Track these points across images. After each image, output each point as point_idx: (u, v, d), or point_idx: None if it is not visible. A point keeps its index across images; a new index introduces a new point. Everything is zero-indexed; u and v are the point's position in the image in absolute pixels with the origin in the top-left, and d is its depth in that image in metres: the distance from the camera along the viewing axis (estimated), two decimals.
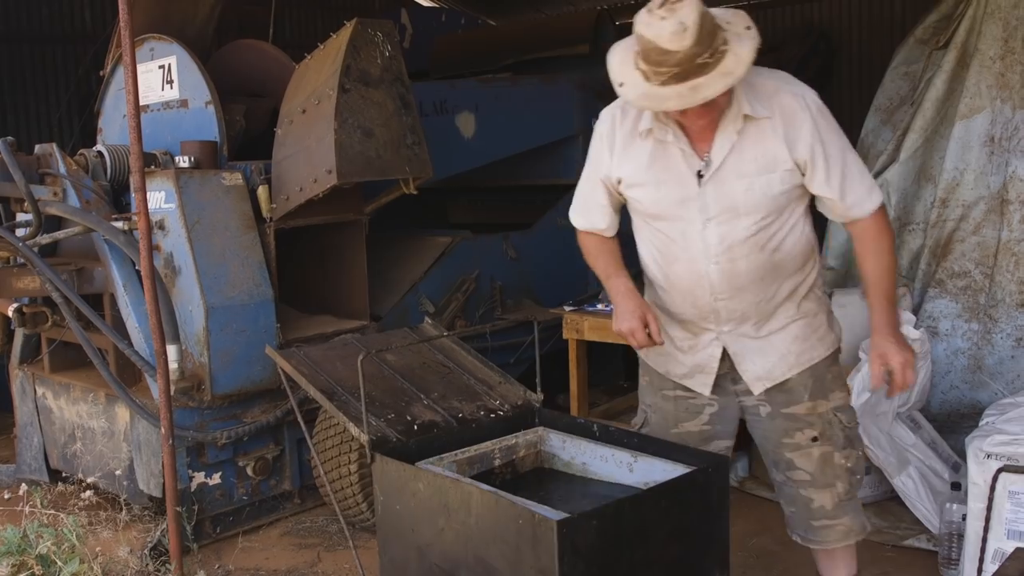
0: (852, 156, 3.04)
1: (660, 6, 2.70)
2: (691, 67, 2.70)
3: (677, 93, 2.75)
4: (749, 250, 3.07)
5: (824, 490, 3.31)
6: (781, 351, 3.22)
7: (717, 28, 2.74)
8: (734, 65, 2.74)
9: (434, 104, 6.46)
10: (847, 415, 3.30)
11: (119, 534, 5.00)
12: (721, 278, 3.11)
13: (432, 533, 3.08)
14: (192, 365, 4.93)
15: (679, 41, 2.66)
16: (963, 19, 5.42)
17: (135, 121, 3.96)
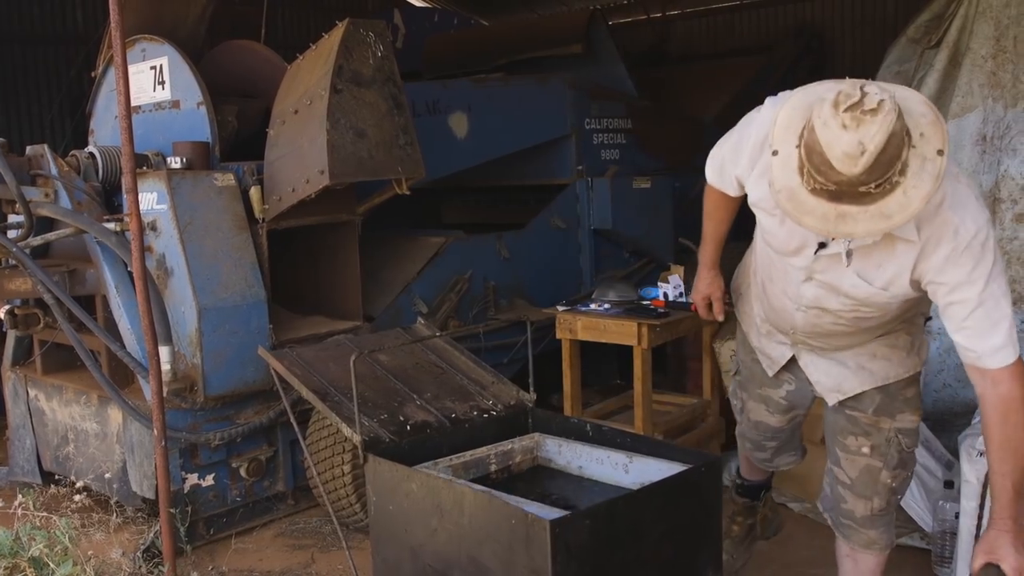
0: (991, 301, 2.66)
1: (850, 107, 2.29)
2: (850, 192, 2.35)
3: (821, 213, 2.40)
4: (838, 319, 2.98)
5: (860, 499, 3.25)
6: (853, 367, 3.15)
7: (900, 150, 2.32)
8: (897, 209, 2.35)
9: (427, 104, 6.45)
10: (910, 438, 3.20)
11: (112, 536, 4.99)
12: (804, 324, 3.08)
13: (425, 533, 3.08)
14: (185, 366, 4.92)
15: (849, 165, 2.29)
16: (955, 18, 5.43)
17: (126, 122, 3.94)
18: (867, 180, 2.30)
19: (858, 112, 2.26)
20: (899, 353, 3.14)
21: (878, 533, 3.29)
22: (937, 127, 2.39)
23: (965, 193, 2.62)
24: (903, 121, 2.32)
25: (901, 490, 3.30)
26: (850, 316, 2.93)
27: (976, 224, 2.58)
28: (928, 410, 5.22)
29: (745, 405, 3.60)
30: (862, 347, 3.12)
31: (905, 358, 3.15)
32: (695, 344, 6.07)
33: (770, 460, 3.69)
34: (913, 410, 3.20)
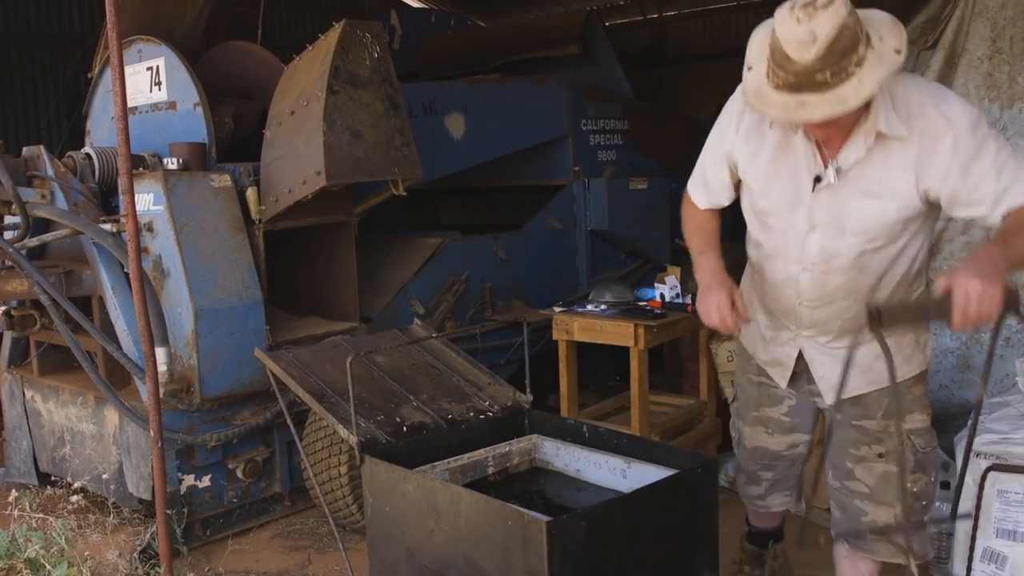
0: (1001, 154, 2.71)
1: (804, 6, 2.50)
2: (808, 81, 2.52)
3: (783, 103, 2.59)
4: (847, 268, 2.94)
5: (882, 506, 3.18)
6: (861, 366, 3.02)
7: (856, 45, 2.51)
8: (851, 93, 2.52)
9: (423, 105, 6.46)
10: (923, 439, 3.15)
11: (108, 537, 4.99)
12: (810, 286, 3.02)
13: (422, 535, 3.08)
14: (181, 367, 4.92)
15: (803, 52, 2.49)
16: (951, 20, 5.44)
17: (123, 123, 3.94)
18: (822, 67, 2.48)
19: (811, 8, 2.47)
20: (905, 352, 3.09)
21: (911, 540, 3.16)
22: (896, 30, 2.60)
23: (945, 91, 2.80)
24: (857, 19, 2.52)
25: (925, 496, 3.20)
26: (857, 260, 2.90)
27: (967, 109, 2.72)
28: None
29: (742, 433, 3.51)
30: (868, 346, 2.95)
31: (911, 356, 3.12)
32: (692, 345, 6.07)
33: (763, 497, 3.52)
34: (922, 409, 3.16)
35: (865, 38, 2.53)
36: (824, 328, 3.10)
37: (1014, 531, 3.88)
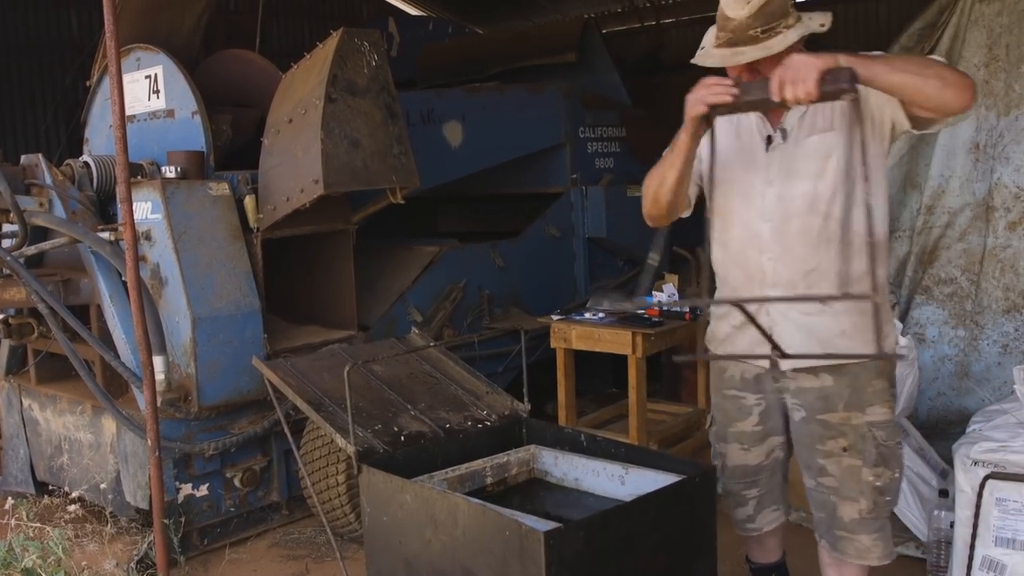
0: None
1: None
2: (742, 36, 2.94)
3: (720, 55, 3.00)
4: (803, 211, 3.08)
5: (847, 502, 3.22)
6: (823, 336, 3.12)
7: (785, 14, 2.95)
8: (777, 43, 2.92)
9: (421, 113, 6.46)
10: (885, 432, 3.18)
11: (105, 547, 4.98)
12: (772, 236, 3.13)
13: (419, 544, 3.08)
14: (179, 376, 4.91)
15: (737, 9, 2.93)
16: (947, 27, 5.45)
17: (121, 131, 3.94)
18: (754, 24, 2.92)
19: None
20: (867, 334, 3.10)
21: (872, 540, 3.24)
22: (827, 16, 3.03)
23: None
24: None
25: (889, 491, 3.23)
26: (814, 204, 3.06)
27: None
28: (922, 419, 5.24)
29: (723, 454, 3.50)
30: (835, 320, 3.09)
31: (871, 340, 3.11)
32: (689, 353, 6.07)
33: (753, 518, 3.50)
34: (883, 403, 3.18)
35: (796, 15, 2.99)
36: (791, 284, 3.13)
37: (1013, 539, 3.88)
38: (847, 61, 2.70)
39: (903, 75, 2.74)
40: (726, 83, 2.88)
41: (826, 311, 3.11)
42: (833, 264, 3.08)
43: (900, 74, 2.74)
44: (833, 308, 3.10)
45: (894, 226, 5.66)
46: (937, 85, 2.72)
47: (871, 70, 2.71)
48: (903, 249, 5.61)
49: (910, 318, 5.41)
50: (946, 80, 2.72)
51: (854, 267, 3.06)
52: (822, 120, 3.06)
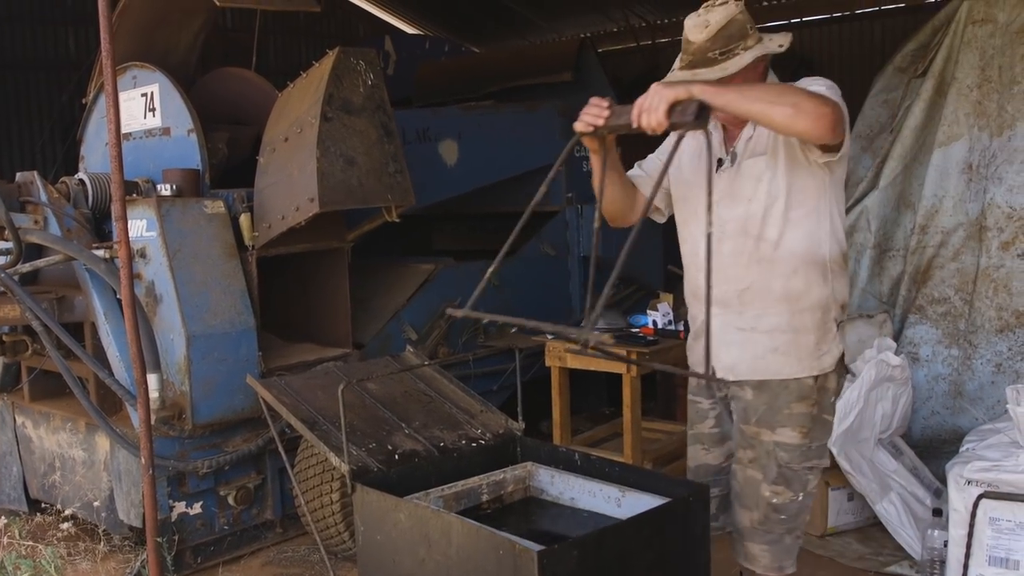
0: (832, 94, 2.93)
1: (705, 5, 3.06)
2: (702, 59, 3.02)
3: (681, 76, 3.05)
4: (735, 233, 3.15)
5: (743, 510, 3.30)
6: (755, 353, 3.20)
7: (744, 36, 3.04)
8: (733, 65, 3.00)
9: (417, 132, 6.48)
10: (790, 454, 3.20)
11: (98, 565, 4.96)
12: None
13: (413, 564, 3.07)
14: (173, 394, 4.90)
15: (697, 33, 3.03)
16: (940, 48, 5.49)
17: (116, 150, 3.95)
18: (712, 47, 3.01)
19: (710, 5, 3.06)
20: (800, 352, 3.17)
21: (760, 549, 3.29)
22: (787, 38, 3.11)
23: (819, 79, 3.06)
24: (749, 19, 3.05)
25: (786, 511, 3.24)
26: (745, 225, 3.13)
27: (826, 83, 3.00)
28: (916, 438, 5.25)
29: (690, 456, 3.55)
30: (768, 337, 3.16)
31: (805, 358, 3.18)
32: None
33: (716, 517, 3.49)
34: (796, 427, 3.19)
35: (757, 36, 3.07)
36: (724, 304, 3.19)
37: (1006, 558, 3.89)
38: (700, 92, 2.74)
39: (754, 104, 2.77)
40: (602, 105, 2.95)
41: (759, 330, 3.19)
42: (766, 283, 3.15)
43: (751, 103, 2.78)
44: (767, 327, 3.17)
45: (888, 245, 5.68)
46: (788, 114, 2.73)
47: (722, 99, 2.76)
48: (897, 268, 5.62)
49: (904, 337, 5.42)
50: (800, 109, 2.73)
51: (794, 286, 3.14)
52: (759, 144, 3.12)
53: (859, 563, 4.73)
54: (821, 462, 3.27)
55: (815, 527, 4.99)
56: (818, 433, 3.23)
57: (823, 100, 2.78)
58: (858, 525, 5.06)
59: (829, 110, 2.76)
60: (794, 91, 2.82)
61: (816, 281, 3.15)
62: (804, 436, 3.20)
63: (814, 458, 3.24)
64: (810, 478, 3.25)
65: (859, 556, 4.80)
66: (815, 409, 3.21)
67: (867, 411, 4.73)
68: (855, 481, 4.74)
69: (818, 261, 3.15)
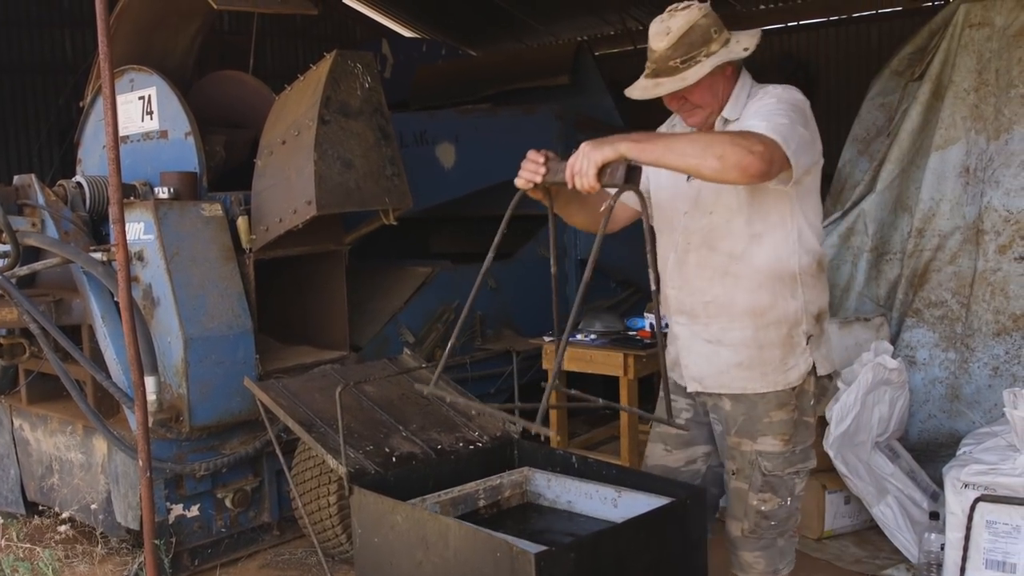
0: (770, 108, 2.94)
1: (669, 10, 3.04)
2: (664, 67, 3.03)
3: (643, 86, 3.09)
4: (700, 244, 3.16)
5: (733, 520, 3.31)
6: (720, 367, 3.21)
7: (707, 41, 3.00)
8: (692, 75, 2.99)
9: (414, 135, 6.49)
10: (773, 462, 3.20)
11: (96, 567, 4.96)
12: (674, 267, 3.23)
13: (410, 566, 3.07)
14: (170, 396, 4.90)
15: (658, 41, 3.02)
16: (937, 51, 5.50)
17: (114, 152, 3.95)
18: (673, 55, 3.00)
19: (673, 11, 3.04)
20: (765, 367, 3.17)
21: (753, 557, 3.29)
22: (754, 38, 3.07)
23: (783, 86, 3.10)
24: (713, 22, 3.02)
25: (775, 516, 3.25)
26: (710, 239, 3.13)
27: (785, 89, 3.06)
28: (913, 441, 5.26)
29: (647, 454, 3.55)
30: (733, 351, 3.16)
31: (769, 373, 3.17)
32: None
33: None
34: (776, 435, 3.19)
35: (723, 40, 3.03)
36: (693, 313, 3.23)
37: (1003, 562, 3.89)
38: (627, 150, 2.74)
39: (681, 158, 2.75)
40: (538, 161, 2.98)
41: (724, 343, 3.19)
42: (731, 296, 3.14)
43: (679, 158, 2.75)
44: (732, 341, 3.17)
45: (885, 249, 5.69)
46: (715, 167, 2.71)
47: (651, 156, 2.76)
48: (894, 272, 5.63)
49: (901, 340, 5.43)
50: (725, 162, 2.69)
51: (759, 300, 3.13)
52: None
53: (856, 566, 4.73)
54: (806, 465, 3.27)
55: (812, 530, 5.00)
56: (800, 437, 3.23)
57: (751, 144, 2.73)
58: (855, 528, 5.06)
59: (756, 157, 2.71)
60: (721, 140, 2.76)
61: (783, 295, 3.14)
62: (786, 443, 3.20)
63: (798, 463, 3.24)
64: (796, 482, 3.26)
65: (856, 559, 4.80)
66: (795, 414, 3.20)
67: (864, 414, 4.73)
68: (852, 484, 4.74)
69: (786, 275, 3.13)
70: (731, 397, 3.23)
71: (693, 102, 3.09)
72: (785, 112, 2.92)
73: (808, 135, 2.94)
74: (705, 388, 3.27)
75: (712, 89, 3.07)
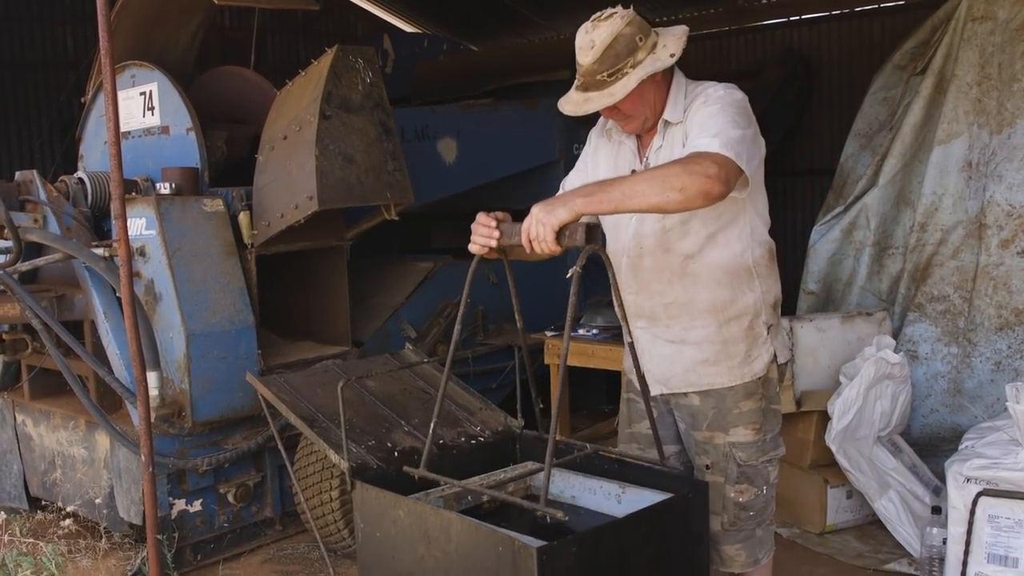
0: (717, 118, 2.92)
1: (592, 19, 2.98)
2: (592, 81, 2.98)
3: (574, 100, 3.05)
4: (654, 249, 3.15)
5: (711, 515, 3.27)
6: (685, 366, 3.23)
7: (632, 51, 2.94)
8: (619, 89, 2.95)
9: (416, 130, 6.48)
10: (747, 452, 3.23)
11: (99, 562, 4.97)
12: (629, 272, 3.23)
13: (412, 560, 3.07)
14: (173, 392, 4.91)
15: (584, 56, 2.97)
16: (940, 46, 5.49)
17: (116, 148, 3.95)
18: (600, 69, 2.95)
19: (596, 21, 2.97)
20: (731, 362, 3.20)
21: (735, 549, 3.31)
22: (679, 40, 3.02)
23: (721, 84, 3.08)
24: (638, 29, 2.95)
25: (753, 507, 3.28)
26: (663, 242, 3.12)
27: (726, 87, 3.04)
28: (915, 436, 5.26)
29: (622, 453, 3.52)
30: (698, 349, 3.18)
31: (736, 367, 3.20)
32: None
33: None
34: (747, 424, 3.22)
35: (650, 46, 2.98)
36: (653, 316, 3.24)
37: (1005, 556, 3.89)
38: (584, 206, 2.73)
39: (642, 200, 2.74)
40: (490, 226, 2.96)
41: (688, 342, 3.21)
42: (690, 296, 3.16)
43: (639, 201, 2.75)
44: (696, 339, 3.19)
45: (887, 243, 5.68)
46: (677, 200, 2.71)
47: (608, 207, 2.76)
48: (896, 266, 5.63)
49: (903, 335, 5.42)
50: (686, 192, 2.69)
51: (719, 296, 3.15)
52: (668, 158, 3.05)
53: (858, 561, 4.73)
54: (777, 452, 3.31)
55: (814, 524, 5.00)
56: (770, 425, 3.27)
57: (706, 168, 2.73)
58: (857, 523, 5.06)
59: (714, 181, 2.71)
60: (677, 172, 2.73)
61: (741, 289, 3.17)
62: (757, 432, 3.24)
63: (770, 450, 3.28)
64: (770, 470, 3.29)
65: (858, 554, 4.80)
66: (763, 403, 3.25)
67: (866, 409, 4.74)
68: (854, 479, 4.74)
69: (742, 269, 3.16)
70: (699, 393, 3.25)
71: (625, 112, 3.06)
72: (731, 119, 2.92)
73: (752, 134, 2.95)
74: (671, 389, 3.29)
75: (643, 98, 3.03)
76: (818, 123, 10.20)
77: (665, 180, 2.71)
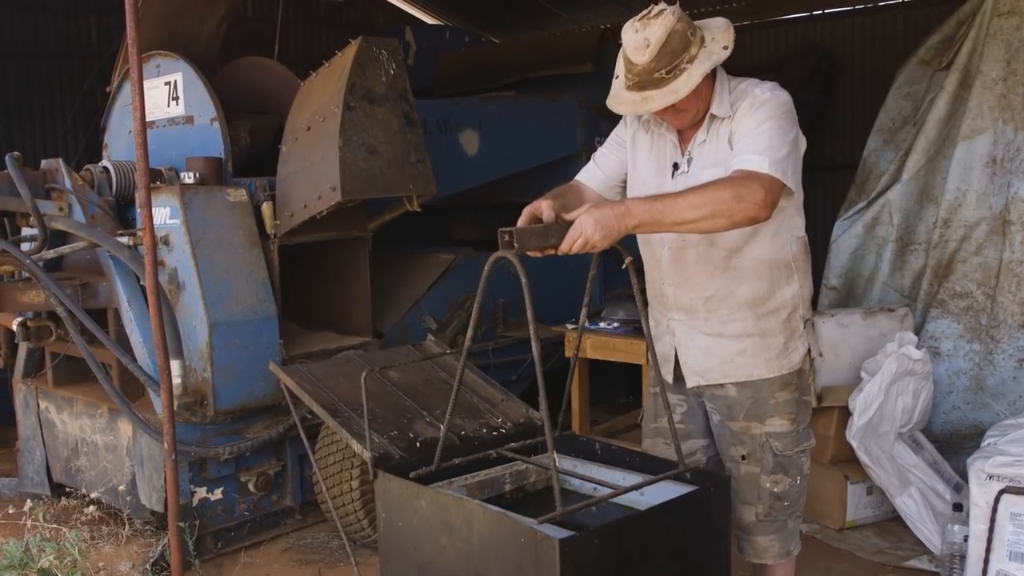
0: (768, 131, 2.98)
1: (640, 19, 2.98)
2: (649, 79, 2.98)
3: (631, 100, 3.04)
4: (698, 242, 3.17)
5: (745, 506, 3.34)
6: (723, 357, 3.26)
7: (687, 45, 2.96)
8: (682, 85, 2.96)
9: (438, 122, 6.48)
10: (783, 442, 3.27)
11: (121, 549, 5.00)
12: (670, 264, 3.25)
13: (434, 550, 3.08)
14: (195, 380, 4.94)
15: (639, 55, 2.95)
16: (965, 40, 5.45)
17: (141, 137, 3.97)
18: (657, 67, 2.94)
19: (646, 19, 2.97)
20: (769, 353, 3.24)
21: (768, 541, 3.35)
22: (727, 32, 3.07)
23: (771, 83, 3.14)
24: (688, 24, 2.98)
25: (787, 497, 3.31)
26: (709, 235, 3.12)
27: (774, 91, 3.08)
28: (936, 432, 5.24)
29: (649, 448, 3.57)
30: (736, 341, 3.22)
31: (774, 359, 3.25)
32: None
33: None
34: (784, 415, 3.27)
35: (699, 40, 3.01)
36: (692, 309, 3.27)
37: None
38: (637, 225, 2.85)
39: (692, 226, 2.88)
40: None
41: (725, 335, 3.24)
42: (731, 290, 3.19)
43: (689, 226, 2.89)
44: (733, 332, 3.23)
45: (910, 239, 5.66)
46: (726, 224, 2.87)
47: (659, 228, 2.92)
48: (919, 262, 5.61)
49: (925, 331, 5.40)
50: (735, 218, 2.84)
51: (759, 290, 3.19)
52: (712, 153, 3.13)
53: (878, 557, 4.72)
54: (809, 443, 3.37)
55: (834, 520, 4.99)
56: (803, 416, 3.33)
57: (754, 193, 2.83)
58: (877, 519, 5.05)
59: (761, 207, 2.84)
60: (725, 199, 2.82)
61: (780, 283, 3.22)
62: (792, 422, 3.28)
63: (804, 440, 3.33)
64: (804, 460, 3.34)
65: (878, 550, 4.80)
66: (797, 393, 3.30)
67: (887, 405, 4.73)
68: (875, 475, 4.73)
69: (783, 264, 3.21)
70: (736, 384, 3.27)
71: (681, 107, 3.07)
72: (778, 127, 2.99)
73: (794, 138, 3.04)
74: (708, 380, 3.31)
75: (698, 93, 3.06)
76: (841, 118, 10.15)
77: (715, 206, 2.82)
